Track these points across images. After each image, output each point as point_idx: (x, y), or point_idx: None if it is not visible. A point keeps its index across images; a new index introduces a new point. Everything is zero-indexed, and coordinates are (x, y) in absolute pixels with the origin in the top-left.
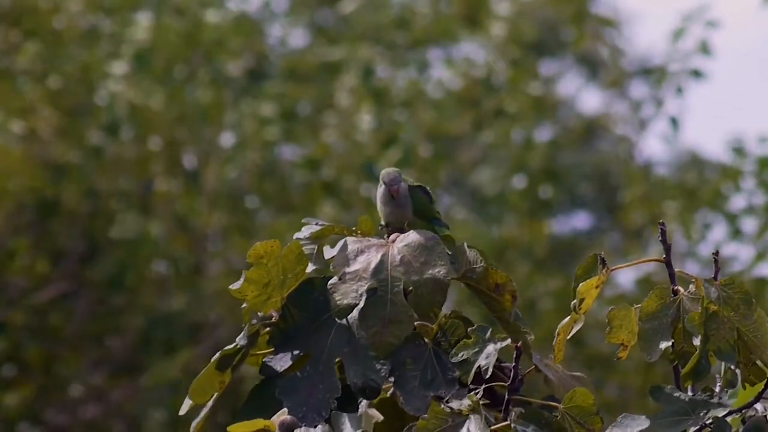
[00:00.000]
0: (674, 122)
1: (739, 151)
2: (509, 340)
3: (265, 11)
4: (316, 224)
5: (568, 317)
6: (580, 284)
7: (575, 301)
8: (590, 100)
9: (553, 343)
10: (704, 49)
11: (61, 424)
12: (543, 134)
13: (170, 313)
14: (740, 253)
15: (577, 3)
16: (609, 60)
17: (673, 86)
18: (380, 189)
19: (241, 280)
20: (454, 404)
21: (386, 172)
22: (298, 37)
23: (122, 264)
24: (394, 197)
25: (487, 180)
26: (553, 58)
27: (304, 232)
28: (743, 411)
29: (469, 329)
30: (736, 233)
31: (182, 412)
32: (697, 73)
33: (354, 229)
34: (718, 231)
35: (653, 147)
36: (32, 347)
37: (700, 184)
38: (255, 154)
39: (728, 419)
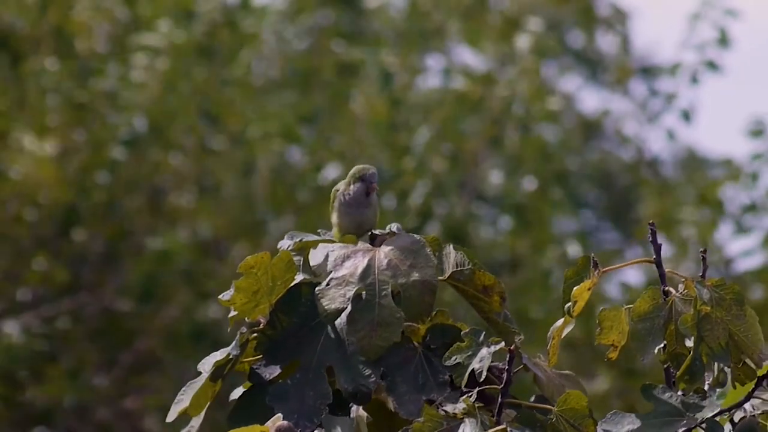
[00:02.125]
0: (686, 116)
1: (758, 133)
2: (503, 344)
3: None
4: (301, 240)
5: (561, 320)
6: (574, 288)
7: (569, 304)
8: (590, 99)
9: (547, 347)
10: (723, 40)
11: (72, 427)
12: (544, 135)
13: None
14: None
15: (581, 1)
16: (617, 56)
17: (686, 78)
18: (353, 187)
19: (231, 290)
20: (449, 407)
21: (363, 168)
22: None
23: (150, 278)
24: (368, 195)
25: (499, 184)
26: (552, 58)
27: (287, 242)
28: (732, 411)
29: (462, 333)
30: (742, 231)
31: (170, 418)
32: (712, 65)
33: (337, 240)
34: (724, 230)
35: (659, 144)
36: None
37: (703, 182)
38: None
39: (718, 419)
